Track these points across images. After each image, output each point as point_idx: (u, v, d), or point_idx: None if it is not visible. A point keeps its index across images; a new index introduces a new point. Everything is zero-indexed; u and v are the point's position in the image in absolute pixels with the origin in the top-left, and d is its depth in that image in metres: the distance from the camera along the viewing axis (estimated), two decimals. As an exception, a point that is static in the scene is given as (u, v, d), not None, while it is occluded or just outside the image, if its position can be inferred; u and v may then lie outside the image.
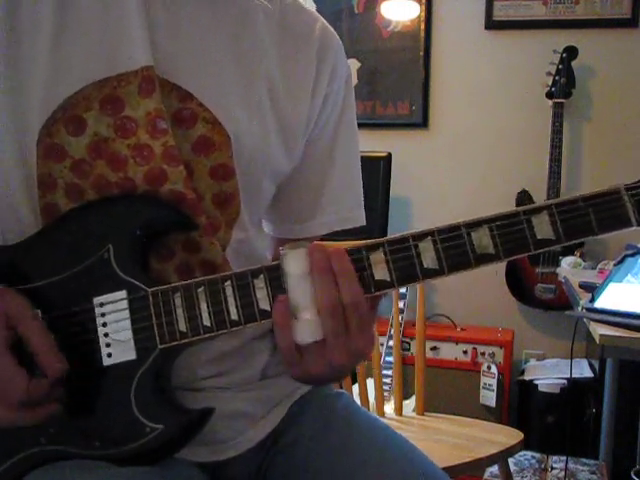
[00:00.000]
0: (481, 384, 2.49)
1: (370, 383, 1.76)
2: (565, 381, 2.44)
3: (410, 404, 2.07)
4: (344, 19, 2.88)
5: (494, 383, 2.45)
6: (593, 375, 2.47)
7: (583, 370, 2.51)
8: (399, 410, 1.77)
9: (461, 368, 2.53)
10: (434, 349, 2.56)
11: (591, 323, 1.39)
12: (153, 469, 0.67)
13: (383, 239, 0.65)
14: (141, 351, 0.66)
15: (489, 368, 2.48)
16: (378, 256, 0.65)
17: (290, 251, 0.64)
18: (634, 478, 2.09)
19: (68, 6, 0.70)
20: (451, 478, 0.81)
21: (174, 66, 0.72)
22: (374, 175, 2.58)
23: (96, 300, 0.67)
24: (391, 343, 2.39)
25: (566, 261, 2.33)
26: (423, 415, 1.76)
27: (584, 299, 1.53)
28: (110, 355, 0.67)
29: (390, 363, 2.38)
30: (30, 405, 0.63)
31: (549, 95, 2.60)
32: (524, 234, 0.64)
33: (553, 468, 2.30)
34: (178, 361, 0.71)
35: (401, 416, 1.76)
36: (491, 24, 2.76)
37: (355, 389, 1.76)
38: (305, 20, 0.83)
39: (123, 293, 0.67)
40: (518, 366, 2.73)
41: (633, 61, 2.66)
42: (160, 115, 0.70)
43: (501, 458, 1.57)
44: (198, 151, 0.73)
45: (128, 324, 0.67)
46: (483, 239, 0.64)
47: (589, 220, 0.64)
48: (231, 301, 0.65)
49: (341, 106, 0.85)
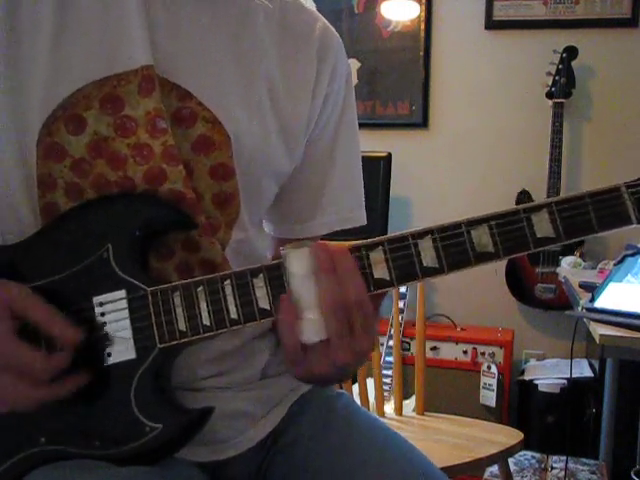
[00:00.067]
0: (481, 384, 2.49)
1: (370, 383, 1.76)
2: (565, 381, 2.44)
3: (410, 404, 2.07)
4: (344, 19, 2.88)
5: (494, 383, 2.45)
6: (593, 375, 2.47)
7: (583, 370, 2.51)
8: (399, 410, 1.77)
9: (461, 368, 2.53)
10: (434, 349, 2.56)
11: (591, 323, 1.39)
12: (153, 469, 0.67)
13: (383, 238, 0.65)
14: (141, 350, 0.66)
15: (489, 368, 2.47)
16: (378, 255, 0.65)
17: (293, 250, 0.64)
18: (634, 478, 2.09)
19: (68, 6, 0.70)
20: (451, 478, 0.81)
21: (174, 65, 0.72)
22: (374, 175, 2.58)
23: (95, 300, 0.67)
24: (391, 343, 2.39)
25: (566, 261, 2.33)
26: (423, 415, 1.76)
27: (584, 299, 1.52)
28: (110, 355, 0.67)
29: (390, 363, 2.37)
30: (57, 380, 0.64)
31: (549, 95, 2.60)
32: (524, 232, 0.64)
33: (553, 468, 2.30)
34: (178, 361, 0.71)
35: (401, 416, 1.76)
36: (491, 24, 2.76)
37: (355, 389, 1.75)
38: (305, 20, 0.83)
39: (122, 292, 0.67)
40: (518, 366, 2.73)
41: (633, 61, 2.65)
42: (160, 114, 0.70)
43: (501, 458, 1.57)
44: (198, 150, 0.73)
45: (128, 323, 0.66)
46: (483, 237, 0.64)
47: (589, 218, 0.64)
48: (230, 300, 0.65)
49: (341, 106, 0.85)
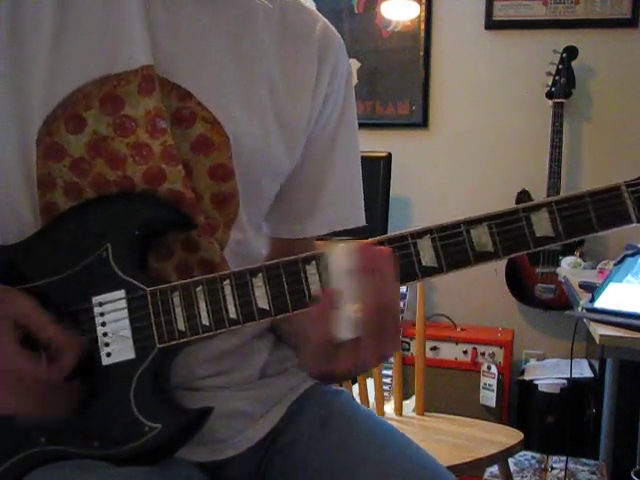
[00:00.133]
0: (481, 384, 2.49)
1: (370, 383, 1.76)
2: (565, 381, 2.44)
3: (410, 404, 2.07)
4: (344, 19, 2.88)
5: (494, 383, 2.45)
6: (593, 375, 2.47)
7: (583, 370, 2.51)
8: (399, 410, 1.77)
9: (461, 368, 2.53)
10: (434, 349, 2.56)
11: (591, 323, 1.39)
12: (153, 469, 0.66)
13: (382, 237, 0.65)
14: (140, 350, 0.66)
15: (489, 368, 2.47)
16: (377, 255, 0.64)
17: (341, 246, 0.63)
18: (634, 478, 2.09)
19: (68, 6, 0.70)
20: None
21: (174, 65, 0.72)
22: (374, 175, 2.58)
23: (95, 299, 0.67)
24: (391, 343, 2.38)
25: (566, 261, 2.33)
26: (423, 415, 1.76)
27: (584, 299, 1.52)
28: (109, 354, 0.67)
29: (390, 363, 2.37)
30: (56, 388, 0.64)
31: (549, 95, 2.60)
32: (523, 232, 0.64)
33: (553, 468, 2.30)
34: (177, 360, 0.71)
35: (401, 416, 1.76)
36: (491, 24, 2.76)
37: (355, 389, 1.75)
38: (306, 19, 0.82)
39: (122, 292, 0.67)
40: (518, 366, 2.73)
41: (633, 61, 2.65)
42: (159, 114, 0.70)
43: (501, 458, 1.57)
44: (197, 150, 0.73)
45: (127, 323, 0.66)
46: (482, 237, 0.64)
47: (589, 217, 0.63)
48: (230, 300, 0.65)
49: (341, 105, 0.85)
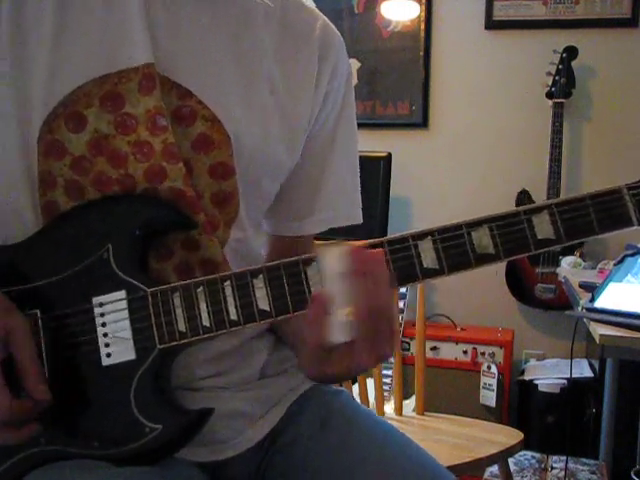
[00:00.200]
0: (481, 384, 2.49)
1: (370, 383, 1.76)
2: (565, 381, 2.44)
3: (410, 404, 2.07)
4: (344, 19, 2.88)
5: (494, 383, 2.45)
6: (593, 375, 2.47)
7: (583, 370, 2.51)
8: (399, 410, 1.77)
9: (461, 368, 2.53)
10: (434, 349, 2.56)
11: (591, 323, 1.39)
12: (153, 469, 0.66)
13: (383, 239, 0.65)
14: (140, 351, 0.66)
15: (489, 368, 2.47)
16: (378, 256, 0.64)
17: (331, 249, 0.63)
18: (634, 478, 2.09)
19: (68, 6, 0.70)
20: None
21: (174, 64, 0.72)
22: (374, 175, 2.58)
23: (95, 300, 0.67)
24: (391, 343, 2.38)
25: (566, 261, 2.33)
26: (423, 415, 1.76)
27: (584, 299, 1.53)
28: (109, 355, 0.67)
29: (390, 363, 2.37)
30: (12, 425, 0.63)
31: (549, 95, 2.60)
32: (524, 234, 0.64)
33: (553, 468, 2.30)
34: (177, 361, 0.71)
35: (401, 416, 1.76)
36: (491, 24, 2.76)
37: (355, 389, 1.75)
38: (306, 18, 0.83)
39: (122, 293, 0.67)
40: (518, 366, 2.73)
41: (633, 61, 2.65)
42: (160, 112, 0.70)
43: (501, 458, 1.57)
44: (198, 149, 0.73)
45: (127, 324, 0.66)
46: (483, 239, 0.64)
47: (590, 220, 0.63)
48: (230, 301, 0.65)
49: (341, 104, 0.85)
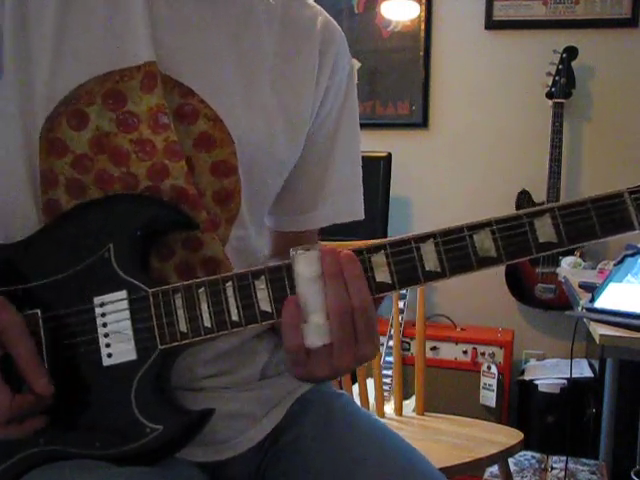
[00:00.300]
0: (481, 384, 2.49)
1: (370, 383, 1.76)
2: (565, 381, 2.44)
3: (410, 404, 2.07)
4: (344, 19, 2.87)
5: (494, 383, 2.45)
6: (593, 375, 2.47)
7: (583, 370, 2.51)
8: (399, 410, 1.77)
9: (461, 368, 2.53)
10: (434, 349, 2.56)
11: (591, 323, 1.39)
12: (153, 469, 0.66)
13: (384, 241, 0.65)
14: (141, 351, 0.66)
15: (489, 368, 2.47)
16: (380, 258, 0.64)
17: (302, 253, 0.63)
18: (634, 478, 2.09)
19: (70, 4, 0.70)
20: (451, 478, 0.81)
21: (176, 63, 0.72)
22: (374, 175, 2.58)
23: (96, 300, 0.67)
24: (391, 343, 2.39)
25: (566, 261, 2.33)
26: (423, 415, 1.76)
27: (584, 299, 1.52)
28: (110, 355, 0.66)
29: (390, 363, 2.38)
30: (15, 420, 0.63)
31: (549, 95, 2.60)
32: (526, 237, 0.64)
33: (553, 468, 2.30)
34: (178, 361, 0.71)
35: (401, 416, 1.76)
36: (491, 24, 2.76)
37: (355, 389, 1.75)
38: (307, 15, 0.83)
39: (123, 293, 0.67)
40: (518, 366, 2.73)
41: (633, 61, 2.66)
42: (162, 110, 0.70)
43: (501, 458, 1.56)
44: (199, 147, 0.73)
45: (128, 324, 0.66)
46: (485, 242, 0.64)
47: (592, 224, 0.63)
48: (232, 302, 0.65)
49: (343, 99, 0.86)
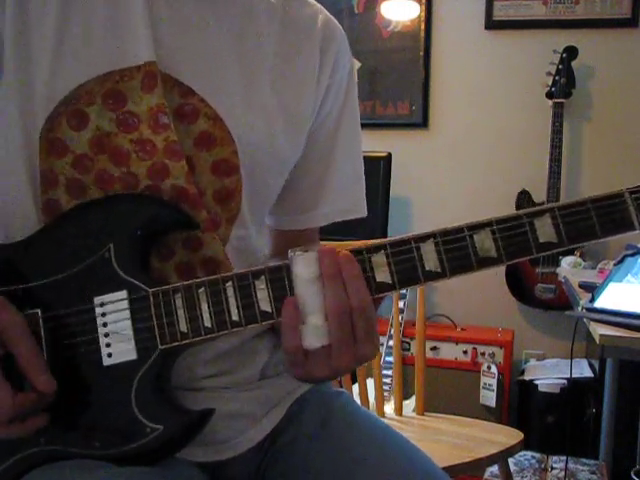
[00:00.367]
0: (481, 384, 2.49)
1: (370, 383, 1.76)
2: (565, 381, 2.44)
3: (410, 404, 2.07)
4: (344, 19, 2.87)
5: (494, 383, 2.45)
6: (593, 375, 2.47)
7: (583, 370, 2.51)
8: (399, 410, 1.77)
9: (461, 368, 2.53)
10: (434, 349, 2.56)
11: (591, 323, 1.39)
12: (153, 469, 0.66)
13: (385, 241, 0.65)
14: (142, 351, 0.66)
15: (489, 368, 2.47)
16: (380, 258, 0.64)
17: (300, 255, 0.63)
18: (634, 478, 2.09)
19: (71, 4, 0.70)
20: (451, 478, 0.81)
21: (176, 62, 0.72)
22: (374, 175, 2.58)
23: (97, 300, 0.67)
24: (391, 343, 2.39)
25: (566, 261, 2.33)
26: (423, 415, 1.76)
27: (584, 299, 1.53)
28: (110, 355, 0.66)
29: (390, 363, 2.37)
30: (17, 419, 0.63)
31: (549, 95, 2.60)
32: (527, 237, 0.64)
33: (553, 468, 2.30)
34: (178, 361, 0.71)
35: (401, 416, 1.76)
36: (491, 24, 2.76)
37: (355, 389, 1.75)
38: (308, 13, 0.83)
39: (124, 293, 0.67)
40: (518, 366, 2.73)
41: (633, 61, 2.65)
42: (162, 110, 0.70)
43: (501, 458, 1.57)
44: (200, 146, 0.73)
45: (129, 324, 0.66)
46: (485, 242, 0.64)
47: (592, 224, 0.63)
48: (232, 302, 0.65)
49: (343, 97, 0.86)
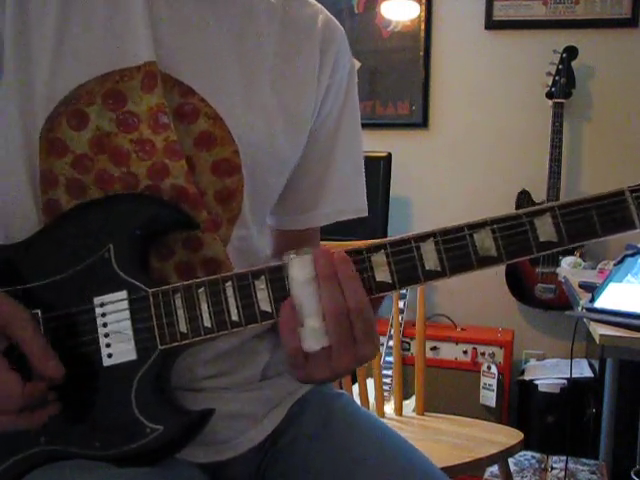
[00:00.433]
0: (481, 384, 2.49)
1: (370, 383, 1.76)
2: (565, 381, 2.44)
3: (410, 404, 2.07)
4: (344, 19, 2.87)
5: (494, 383, 2.45)
6: (593, 375, 2.47)
7: (583, 370, 2.51)
8: (399, 410, 1.77)
9: (461, 368, 2.53)
10: (434, 349, 2.56)
11: (591, 323, 1.39)
12: (154, 469, 0.66)
13: (384, 240, 0.65)
14: (141, 352, 0.66)
15: (489, 368, 2.47)
16: (380, 258, 0.64)
17: (296, 257, 0.63)
18: (634, 478, 2.09)
19: (71, 4, 0.70)
20: (451, 478, 0.81)
21: (176, 62, 0.72)
22: (374, 175, 2.58)
23: (97, 300, 0.67)
24: (391, 343, 2.39)
25: (566, 261, 2.33)
26: (423, 415, 1.76)
27: (584, 299, 1.52)
28: (110, 355, 0.66)
29: (390, 363, 2.37)
30: (27, 409, 0.63)
31: (549, 95, 2.60)
32: (527, 236, 0.63)
33: (553, 468, 2.30)
34: (178, 361, 0.71)
35: (401, 416, 1.76)
36: (491, 24, 2.76)
37: (355, 389, 1.75)
38: (308, 13, 0.83)
39: (123, 293, 0.67)
40: (518, 366, 2.73)
41: (633, 61, 2.65)
42: (162, 110, 0.70)
43: (501, 458, 1.57)
44: (200, 146, 0.73)
45: (129, 324, 0.66)
46: (485, 241, 0.64)
47: (593, 222, 0.63)
48: (232, 302, 0.65)
49: (344, 97, 0.86)
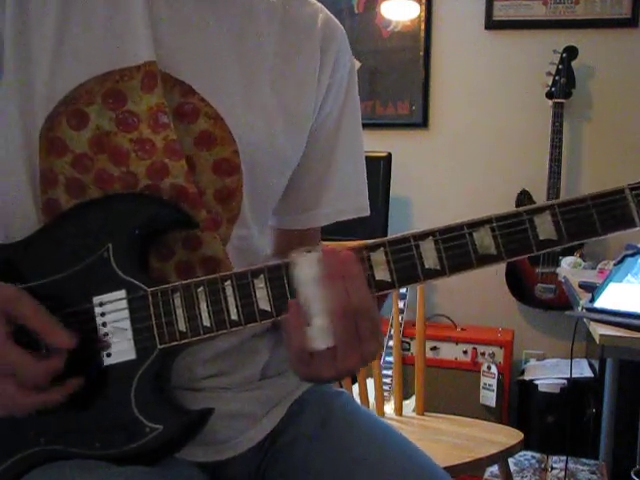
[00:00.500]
0: (481, 384, 2.49)
1: (370, 383, 1.76)
2: (565, 381, 2.44)
3: (410, 404, 2.07)
4: (344, 19, 2.87)
5: (494, 383, 2.45)
6: (593, 375, 2.47)
7: (583, 370, 2.51)
8: (399, 410, 1.77)
9: (461, 368, 2.53)
10: (434, 349, 2.56)
11: (591, 323, 1.39)
12: (153, 469, 0.67)
13: (384, 239, 0.65)
14: (141, 351, 0.66)
15: (489, 368, 2.47)
16: (379, 256, 0.64)
17: (302, 256, 0.63)
18: (634, 478, 2.09)
19: (71, 3, 0.70)
20: (451, 478, 0.81)
21: (176, 61, 0.72)
22: (374, 175, 2.58)
23: (96, 299, 0.67)
24: (391, 343, 2.39)
25: (566, 261, 2.33)
26: (423, 415, 1.76)
27: (584, 299, 1.52)
28: (109, 355, 0.67)
29: (390, 363, 2.37)
30: (44, 387, 0.63)
31: (549, 95, 2.60)
32: (526, 234, 0.63)
33: (553, 468, 2.30)
34: (177, 361, 0.71)
35: (401, 416, 1.76)
36: (491, 24, 2.76)
37: (355, 389, 1.75)
38: (308, 12, 0.83)
39: (122, 293, 0.67)
40: (518, 366, 2.73)
41: (633, 61, 2.65)
42: (162, 109, 0.70)
43: (501, 458, 1.57)
44: (200, 146, 0.73)
45: (128, 324, 0.66)
46: (485, 239, 0.64)
47: (593, 220, 0.63)
48: (231, 301, 0.65)
49: (344, 96, 0.86)
